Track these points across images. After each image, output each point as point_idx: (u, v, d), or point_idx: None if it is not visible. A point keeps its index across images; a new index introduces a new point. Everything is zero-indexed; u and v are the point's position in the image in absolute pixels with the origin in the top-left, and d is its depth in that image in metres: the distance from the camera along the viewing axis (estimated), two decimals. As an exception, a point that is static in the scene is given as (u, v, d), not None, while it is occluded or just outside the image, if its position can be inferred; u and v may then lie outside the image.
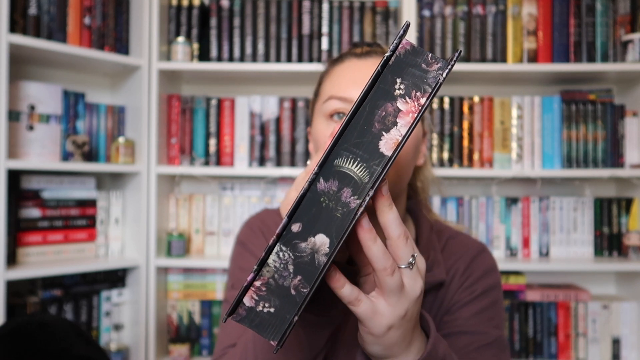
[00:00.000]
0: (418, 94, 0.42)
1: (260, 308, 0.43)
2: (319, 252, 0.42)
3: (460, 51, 0.43)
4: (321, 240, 0.42)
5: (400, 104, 0.42)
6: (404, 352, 0.51)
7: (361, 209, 0.42)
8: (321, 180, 0.42)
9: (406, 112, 0.42)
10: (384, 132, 0.42)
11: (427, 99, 0.42)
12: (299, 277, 0.42)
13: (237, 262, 0.80)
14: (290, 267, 0.42)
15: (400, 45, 0.43)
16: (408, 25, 0.42)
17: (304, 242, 0.42)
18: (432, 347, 0.52)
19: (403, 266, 0.47)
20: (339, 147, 0.42)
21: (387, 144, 0.42)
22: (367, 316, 0.46)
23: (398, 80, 0.42)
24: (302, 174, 0.57)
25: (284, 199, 0.57)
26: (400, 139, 0.42)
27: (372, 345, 0.49)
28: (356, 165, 0.42)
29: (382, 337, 0.48)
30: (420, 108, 0.42)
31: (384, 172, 0.42)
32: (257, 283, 0.43)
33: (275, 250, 0.42)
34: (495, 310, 0.75)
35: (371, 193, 0.42)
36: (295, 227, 0.42)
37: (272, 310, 0.43)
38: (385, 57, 0.42)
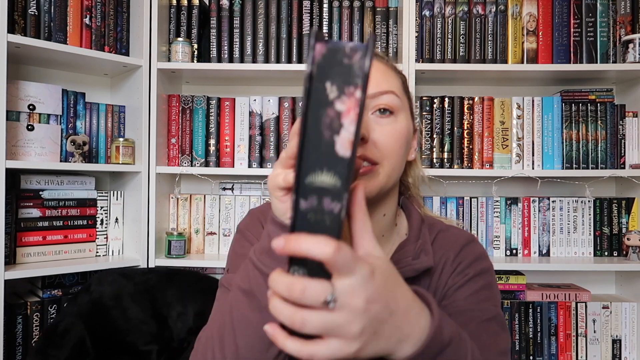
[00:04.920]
0: (351, 88, 0.43)
1: None
2: None
3: (375, 36, 0.43)
4: None
5: (338, 105, 0.43)
6: (393, 345, 0.48)
7: (343, 210, 0.43)
8: (301, 201, 0.43)
9: (347, 111, 0.43)
10: (335, 137, 0.43)
11: (361, 91, 0.43)
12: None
13: (235, 249, 0.82)
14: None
15: (317, 52, 0.43)
16: (316, 33, 0.43)
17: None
18: (436, 331, 0.50)
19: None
20: (304, 166, 0.43)
21: (342, 146, 0.43)
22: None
23: (327, 85, 0.43)
24: (277, 164, 0.58)
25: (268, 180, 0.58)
26: (352, 137, 0.43)
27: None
28: (325, 175, 0.43)
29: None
30: (358, 102, 0.43)
31: (351, 171, 0.43)
32: None
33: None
34: (491, 291, 0.76)
35: (346, 195, 0.43)
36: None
37: None
38: (307, 73, 0.43)
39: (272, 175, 0.56)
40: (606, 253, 1.77)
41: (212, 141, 1.77)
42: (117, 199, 1.73)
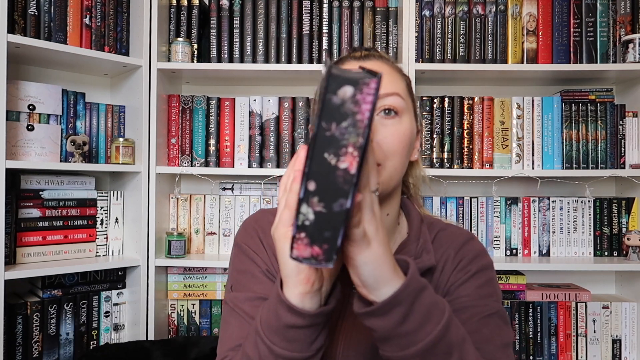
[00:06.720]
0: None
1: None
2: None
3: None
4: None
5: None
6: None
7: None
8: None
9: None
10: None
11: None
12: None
13: (235, 265, 0.81)
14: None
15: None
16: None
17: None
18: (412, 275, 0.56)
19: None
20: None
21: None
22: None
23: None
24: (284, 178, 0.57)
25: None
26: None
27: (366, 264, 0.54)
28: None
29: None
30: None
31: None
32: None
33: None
34: (493, 287, 0.77)
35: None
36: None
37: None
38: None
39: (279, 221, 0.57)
40: (606, 253, 1.77)
41: (212, 141, 1.77)
42: (117, 199, 1.73)
